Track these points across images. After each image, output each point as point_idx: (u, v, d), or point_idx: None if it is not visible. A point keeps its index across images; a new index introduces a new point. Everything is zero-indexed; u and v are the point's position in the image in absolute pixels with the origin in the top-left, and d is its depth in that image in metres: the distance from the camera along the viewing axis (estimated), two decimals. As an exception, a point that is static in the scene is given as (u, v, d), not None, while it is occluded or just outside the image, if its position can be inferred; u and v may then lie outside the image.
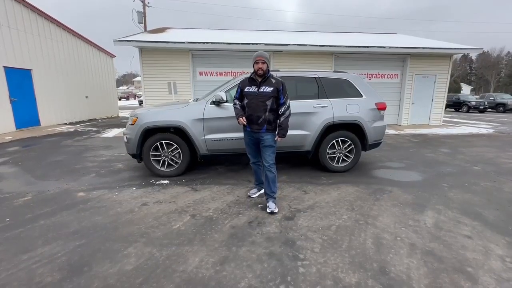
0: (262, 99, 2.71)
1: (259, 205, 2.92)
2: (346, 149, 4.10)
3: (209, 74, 9.37)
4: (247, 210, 2.80)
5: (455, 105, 19.74)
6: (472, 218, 2.67)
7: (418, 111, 10.01)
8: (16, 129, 8.49)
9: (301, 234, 2.33)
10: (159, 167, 3.88)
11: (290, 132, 3.88)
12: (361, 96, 4.10)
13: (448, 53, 9.48)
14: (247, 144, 2.98)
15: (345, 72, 4.30)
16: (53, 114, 10.23)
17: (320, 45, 8.78)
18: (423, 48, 9.03)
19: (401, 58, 9.67)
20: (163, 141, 3.80)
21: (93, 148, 6.07)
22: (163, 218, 2.63)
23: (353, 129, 4.08)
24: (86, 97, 12.55)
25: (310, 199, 3.10)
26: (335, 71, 4.32)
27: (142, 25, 19.43)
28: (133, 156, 3.90)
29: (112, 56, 15.19)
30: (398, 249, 2.11)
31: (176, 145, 3.82)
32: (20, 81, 8.76)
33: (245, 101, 2.79)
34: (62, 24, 10.81)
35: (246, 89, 2.78)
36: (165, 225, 2.48)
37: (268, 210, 2.74)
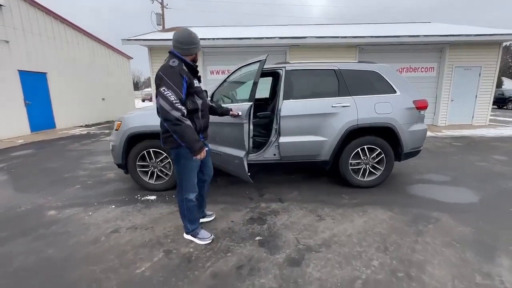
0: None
1: (256, 238, 2.22)
2: (374, 159, 3.26)
3: (220, 73, 8.80)
4: (239, 246, 2.12)
5: (498, 102, 17.44)
6: None
7: (458, 109, 8.67)
8: (31, 132, 8.53)
9: (310, 293, 1.60)
10: (147, 180, 3.32)
11: (301, 139, 3.16)
12: (395, 92, 3.23)
13: (497, 40, 8.04)
14: (197, 167, 2.06)
15: (373, 63, 3.46)
16: (69, 116, 10.27)
17: (342, 37, 7.85)
18: (466, 35, 7.72)
19: (438, 48, 8.40)
20: (151, 150, 3.23)
21: (95, 153, 5.73)
22: (129, 255, 2.02)
23: (384, 134, 3.23)
24: (103, 99, 12.62)
25: (326, 230, 2.34)
26: (360, 62, 3.49)
27: (161, 27, 19.55)
28: (119, 166, 3.37)
29: (129, 58, 15.27)
30: (467, 336, 1.31)
31: (165, 154, 3.24)
32: (35, 85, 8.81)
33: (199, 102, 1.92)
34: (78, 27, 10.86)
35: (195, 84, 1.92)
36: (128, 268, 1.87)
37: (204, 242, 2.15)
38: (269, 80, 4.89)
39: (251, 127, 2.55)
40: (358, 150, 3.21)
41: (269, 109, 4.09)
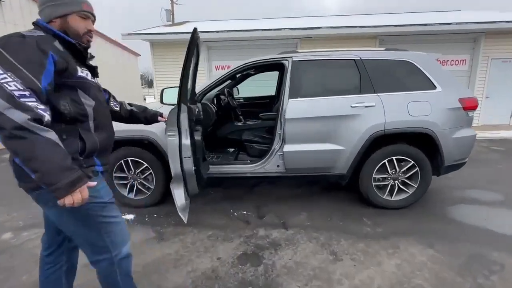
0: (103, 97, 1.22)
1: (246, 291, 1.62)
2: (405, 174, 2.56)
3: (226, 68, 8.22)
4: (222, 303, 1.53)
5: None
6: None
7: (494, 107, 7.63)
8: (34, 131, 8.33)
9: None
10: (126, 194, 2.80)
11: (311, 147, 2.51)
12: (434, 87, 2.51)
13: (543, 27, 6.93)
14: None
15: (405, 50, 2.75)
16: (73, 115, 10.06)
17: (360, 26, 7.03)
18: (507, 21, 6.69)
19: (471, 38, 7.39)
20: (130, 159, 2.69)
21: (88, 155, 5.32)
22: (69, 313, 1.48)
23: (419, 141, 2.53)
24: (110, 97, 12.40)
25: (344, 278, 1.70)
26: (387, 50, 2.78)
27: (171, 23, 19.22)
28: (95, 177, 2.87)
29: (136, 55, 15.02)
30: None
31: (146, 165, 2.70)
32: (38, 83, 8.60)
33: (90, 103, 1.08)
34: (83, 23, 10.61)
35: (80, 73, 1.04)
36: (60, 338, 1.33)
37: None
38: (276, 74, 4.23)
39: (186, 142, 1.86)
40: (384, 162, 2.53)
41: (274, 109, 3.46)
